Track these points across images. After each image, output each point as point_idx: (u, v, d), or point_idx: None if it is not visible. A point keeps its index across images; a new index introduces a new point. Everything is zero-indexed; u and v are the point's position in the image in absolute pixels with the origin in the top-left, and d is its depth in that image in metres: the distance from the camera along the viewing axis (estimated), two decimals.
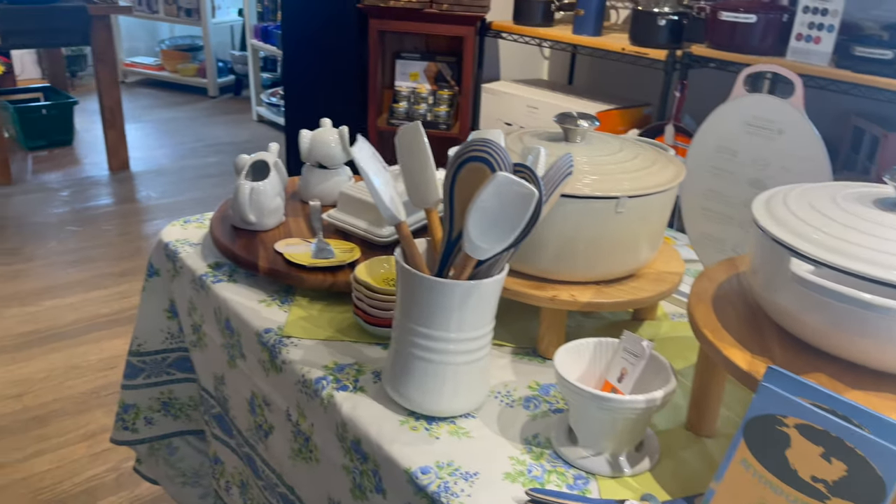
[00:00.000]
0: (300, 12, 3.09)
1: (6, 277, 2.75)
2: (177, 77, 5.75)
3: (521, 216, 0.69)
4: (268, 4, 5.20)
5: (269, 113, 4.95)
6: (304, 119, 3.25)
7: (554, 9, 3.04)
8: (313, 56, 3.15)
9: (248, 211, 1.10)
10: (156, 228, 3.27)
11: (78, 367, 2.23)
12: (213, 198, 3.67)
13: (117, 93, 3.88)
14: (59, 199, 3.54)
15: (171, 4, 5.52)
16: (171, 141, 4.56)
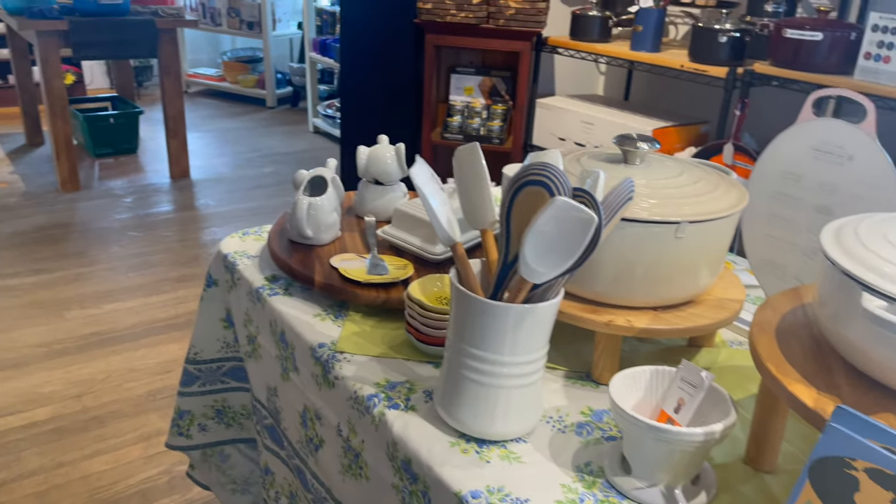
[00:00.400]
0: (358, 27, 3.14)
1: (70, 280, 2.85)
2: (237, 88, 5.91)
3: (579, 242, 0.68)
4: (326, 18, 5.30)
5: (324, 124, 5.04)
6: (359, 132, 3.31)
7: (611, 24, 3.02)
8: (370, 70, 3.20)
9: (305, 226, 1.11)
10: (213, 236, 3.35)
11: (135, 369, 2.30)
12: (267, 208, 3.74)
13: (181, 103, 4.01)
14: (122, 206, 3.67)
15: (234, 18, 5.68)
16: (230, 150, 4.68)
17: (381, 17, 3.10)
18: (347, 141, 3.34)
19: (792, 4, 2.65)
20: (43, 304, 2.65)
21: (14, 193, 3.73)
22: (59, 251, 3.10)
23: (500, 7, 2.94)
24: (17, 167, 4.12)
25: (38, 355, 2.33)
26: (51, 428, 1.99)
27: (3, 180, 3.90)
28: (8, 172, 4.03)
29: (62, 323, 2.53)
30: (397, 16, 3.09)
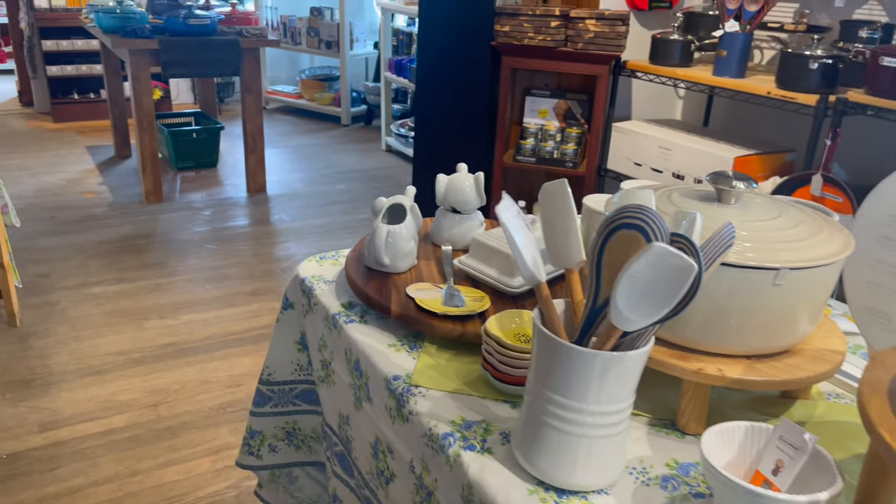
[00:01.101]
0: (435, 48, 3.16)
1: (150, 290, 2.95)
2: (313, 105, 6.05)
3: (676, 290, 0.65)
4: (402, 39, 5.37)
5: (397, 143, 5.09)
6: (432, 152, 3.33)
7: (693, 49, 2.94)
8: (444, 91, 3.21)
9: (383, 254, 1.11)
10: (286, 252, 3.42)
11: (208, 381, 2.35)
12: (339, 224, 3.80)
13: (260, 120, 4.12)
14: (201, 218, 3.78)
15: (313, 37, 5.83)
16: (305, 166, 4.78)
17: (457, 39, 3.11)
18: (420, 161, 3.36)
19: (888, 31, 2.52)
20: (124, 313, 2.75)
21: (102, 204, 3.90)
22: (141, 261, 3.22)
23: (579, 31, 2.91)
24: (106, 178, 4.32)
25: (117, 363, 2.41)
26: (127, 436, 2.05)
27: (92, 191, 4.09)
28: (97, 183, 4.22)
29: (141, 332, 2.62)
30: (474, 38, 3.09)
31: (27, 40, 5.39)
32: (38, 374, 2.32)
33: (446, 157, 3.29)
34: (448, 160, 3.35)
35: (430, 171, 3.35)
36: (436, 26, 3.13)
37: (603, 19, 2.87)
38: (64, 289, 2.91)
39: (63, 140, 5.07)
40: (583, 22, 2.90)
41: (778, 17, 2.97)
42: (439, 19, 3.11)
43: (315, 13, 5.81)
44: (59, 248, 3.31)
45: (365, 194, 4.29)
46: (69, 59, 5.44)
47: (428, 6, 3.11)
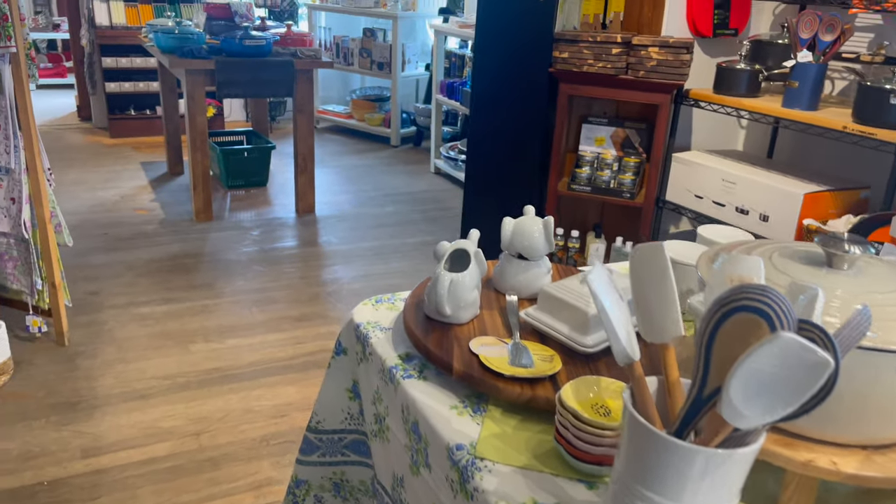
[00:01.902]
0: (490, 73, 3.10)
1: (197, 312, 2.93)
2: (363, 126, 6.05)
3: (805, 388, 0.55)
4: (455, 61, 5.34)
5: (446, 166, 5.04)
6: (485, 177, 3.26)
7: (762, 79, 2.82)
8: (499, 116, 3.14)
9: (445, 304, 1.03)
10: (333, 275, 3.38)
11: (252, 410, 2.30)
12: (387, 248, 3.75)
13: (311, 141, 4.11)
14: (249, 238, 3.78)
15: (366, 58, 5.84)
16: (353, 188, 4.76)
17: (513, 64, 3.05)
18: (472, 186, 3.29)
19: None
20: (171, 335, 2.73)
21: (153, 221, 3.93)
22: (189, 281, 3.21)
23: (641, 58, 2.81)
24: (158, 195, 4.36)
25: (162, 388, 2.38)
26: (168, 466, 2.01)
27: (144, 207, 4.13)
28: (149, 200, 4.27)
29: (187, 356, 2.59)
30: (531, 64, 3.02)
31: (87, 57, 5.52)
32: (83, 397, 2.30)
33: (499, 183, 3.22)
34: (501, 186, 3.30)
35: (481, 196, 3.28)
36: (492, 51, 3.07)
37: (667, 47, 2.77)
38: (112, 308, 2.91)
39: (119, 155, 5.16)
40: (645, 49, 2.80)
41: (853, 48, 2.83)
42: (495, 44, 3.05)
43: (368, 34, 5.83)
44: (109, 265, 3.33)
45: (413, 217, 4.24)
46: (127, 75, 5.55)
47: (484, 30, 3.06)
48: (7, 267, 2.53)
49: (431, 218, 4.25)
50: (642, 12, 3.20)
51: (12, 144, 2.34)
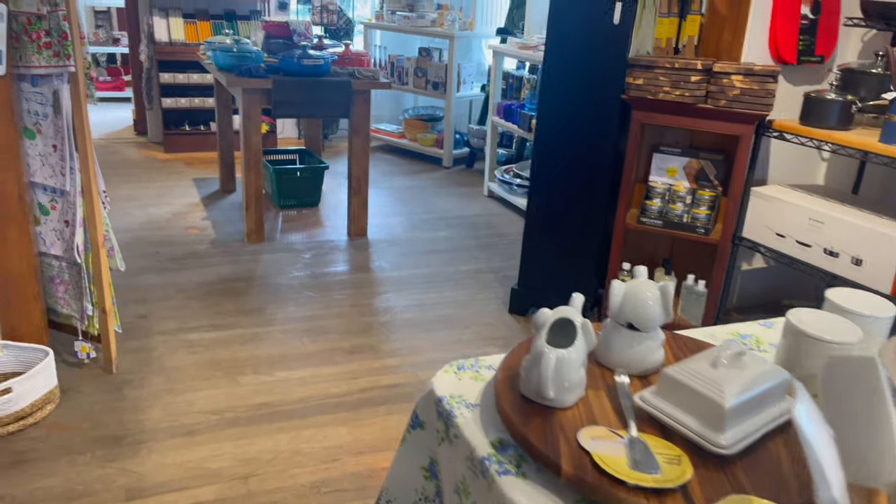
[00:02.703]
0: (559, 98, 2.95)
1: (247, 340, 2.83)
2: (415, 146, 5.96)
3: None
4: (512, 83, 5.21)
5: (500, 190, 4.90)
6: (548, 206, 3.09)
7: (854, 111, 2.61)
8: (566, 142, 2.98)
9: (549, 386, 0.88)
10: (386, 303, 3.25)
11: (302, 452, 2.17)
12: (441, 276, 3.61)
13: (366, 163, 4.02)
14: (301, 262, 3.68)
15: (420, 77, 5.75)
16: (405, 210, 4.65)
17: (584, 89, 2.89)
18: (534, 215, 3.13)
19: None
20: (220, 365, 2.63)
21: (204, 241, 3.87)
22: (239, 306, 3.12)
23: (723, 87, 2.63)
24: (210, 213, 4.31)
25: (210, 423, 2.27)
26: None
27: (196, 226, 4.08)
28: (201, 218, 4.22)
29: (236, 388, 2.48)
30: (602, 90, 2.87)
31: (146, 72, 5.55)
32: (129, 430, 2.21)
33: (563, 212, 3.05)
34: (565, 216, 3.13)
35: (544, 227, 3.11)
36: (561, 74, 2.92)
37: (751, 75, 2.59)
38: (161, 333, 2.83)
39: (172, 171, 5.15)
40: (728, 77, 2.62)
41: None
42: (565, 67, 2.90)
43: (424, 54, 5.74)
44: (159, 286, 3.26)
45: (467, 243, 4.10)
46: (183, 91, 5.56)
47: (554, 52, 2.91)
48: (58, 291, 2.46)
49: (486, 244, 4.11)
50: (721, 37, 3.03)
51: (68, 166, 2.28)
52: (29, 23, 2.16)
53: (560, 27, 2.87)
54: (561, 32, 2.87)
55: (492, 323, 3.14)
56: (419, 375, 2.66)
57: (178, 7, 5.53)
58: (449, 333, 3.01)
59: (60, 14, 2.13)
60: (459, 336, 3.00)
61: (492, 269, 3.75)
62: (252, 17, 5.71)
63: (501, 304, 3.32)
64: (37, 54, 2.19)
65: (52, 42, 2.17)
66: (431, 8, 5.89)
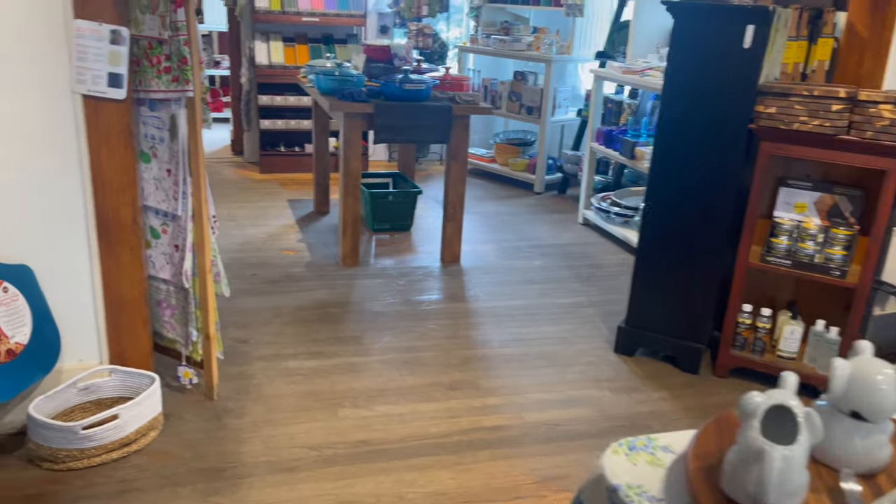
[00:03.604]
0: (678, 126, 2.77)
1: (345, 370, 2.75)
2: (506, 170, 5.84)
3: None
4: (611, 107, 5.04)
5: (596, 218, 4.71)
6: (663, 240, 2.89)
7: None
8: (685, 173, 2.80)
9: (772, 491, 0.72)
10: (484, 336, 3.12)
11: (405, 497, 2.06)
12: (538, 308, 3.46)
13: (462, 189, 3.92)
14: (395, 288, 3.61)
15: (514, 102, 5.65)
16: (498, 236, 4.52)
17: (706, 117, 2.70)
18: (646, 249, 2.95)
19: None
20: (319, 396, 2.56)
21: (299, 263, 3.85)
22: (336, 333, 3.06)
23: (870, 117, 2.40)
24: (305, 235, 4.31)
25: (309, 460, 2.19)
26: None
27: (291, 248, 4.08)
28: (296, 240, 4.21)
29: (335, 422, 2.40)
30: (726, 117, 2.68)
31: (245, 94, 5.66)
32: (229, 463, 2.15)
33: (678, 247, 2.85)
34: (680, 252, 2.92)
35: (656, 262, 2.92)
36: (681, 101, 2.74)
37: None
38: (260, 359, 2.79)
39: (267, 191, 5.21)
40: (875, 107, 2.39)
41: None
42: (687, 93, 2.72)
43: (519, 77, 5.64)
44: (258, 310, 3.24)
45: (563, 274, 3.93)
46: (280, 113, 5.64)
47: (675, 78, 2.74)
48: (165, 314, 2.45)
49: (583, 276, 3.93)
50: (861, 63, 2.79)
51: (181, 190, 2.26)
52: (150, 47, 2.17)
53: (682, 51, 2.70)
54: (683, 56, 2.70)
55: (596, 363, 2.96)
56: (523, 417, 2.51)
57: (278, 31, 5.64)
58: (552, 372, 2.86)
59: (181, 39, 2.13)
60: (563, 375, 2.84)
61: (592, 303, 3.57)
62: (349, 41, 5.75)
63: (606, 343, 3.14)
64: (156, 79, 2.19)
65: (172, 67, 2.16)
66: (527, 31, 5.79)
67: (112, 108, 2.09)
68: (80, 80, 2.04)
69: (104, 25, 2.03)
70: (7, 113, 2.01)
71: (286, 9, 5.43)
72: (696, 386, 2.81)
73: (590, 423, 2.51)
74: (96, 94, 2.06)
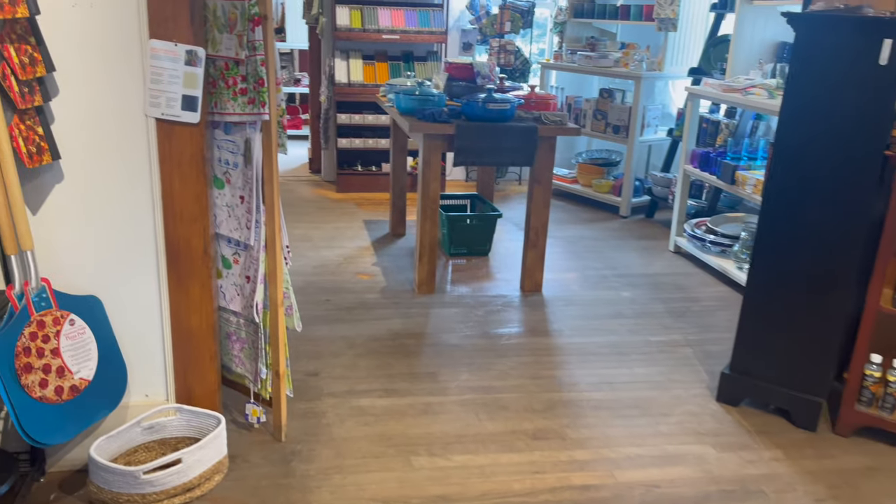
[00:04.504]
0: (799, 152, 2.47)
1: (420, 411, 2.57)
2: (589, 192, 5.57)
3: None
4: (706, 127, 4.71)
5: (690, 246, 4.38)
6: (775, 275, 2.57)
7: None
8: (804, 202, 2.49)
9: None
10: (570, 378, 2.88)
11: None
12: (628, 346, 3.18)
13: (546, 215, 3.70)
14: (473, 318, 3.40)
15: (600, 120, 5.39)
16: (581, 264, 4.26)
17: (832, 142, 2.40)
18: (757, 288, 2.64)
19: None
20: (392, 440, 2.37)
21: (374, 289, 3.71)
22: (411, 368, 2.88)
23: None
24: (380, 258, 4.17)
25: None
26: None
27: (366, 272, 3.94)
28: (371, 263, 4.08)
29: (409, 472, 2.21)
30: (856, 143, 2.36)
31: (324, 112, 5.62)
32: None
33: (795, 286, 2.53)
34: (797, 290, 2.59)
35: (767, 301, 2.61)
36: (802, 123, 2.44)
37: None
38: (331, 395, 2.64)
39: (343, 211, 5.12)
40: None
41: None
42: (808, 115, 2.42)
43: (605, 95, 5.37)
44: (330, 339, 3.10)
45: (655, 308, 3.64)
46: (358, 132, 5.56)
47: (794, 98, 2.45)
48: (234, 348, 2.32)
49: (677, 311, 3.62)
50: None
51: (254, 219, 2.13)
52: (227, 68, 2.06)
53: (805, 68, 2.40)
54: (806, 74, 2.40)
55: (697, 413, 2.67)
56: (616, 476, 2.26)
57: (358, 49, 5.57)
58: (646, 422, 2.58)
59: (258, 59, 2.00)
60: (658, 426, 2.56)
61: (688, 342, 3.27)
62: (429, 58, 5.63)
63: (706, 389, 2.84)
64: (232, 101, 2.07)
65: (248, 88, 2.04)
66: (615, 47, 5.53)
67: (185, 133, 1.98)
68: (154, 103, 1.94)
69: (180, 45, 1.92)
70: (78, 138, 1.92)
71: (367, 26, 5.36)
72: (815, 446, 2.48)
73: (693, 486, 2.23)
74: (170, 117, 1.96)
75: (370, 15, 5.39)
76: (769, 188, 2.56)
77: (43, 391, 1.83)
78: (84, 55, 1.87)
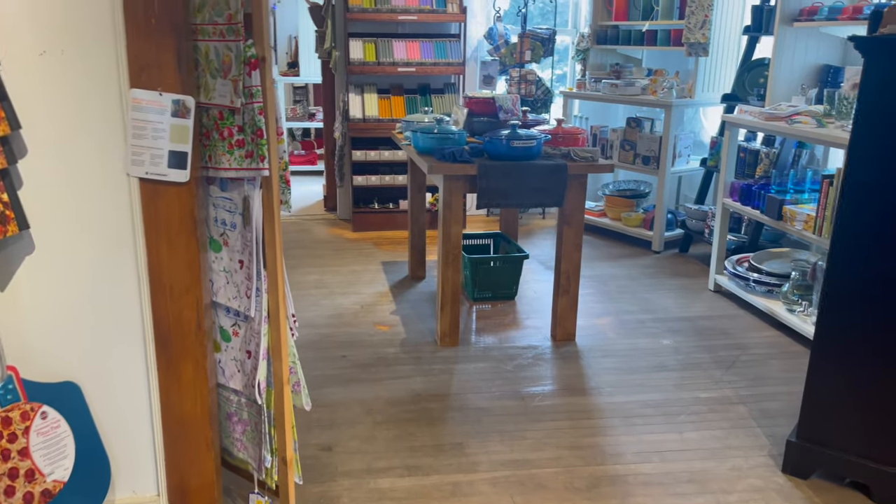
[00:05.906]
0: (872, 190, 2.17)
1: (446, 494, 2.27)
2: (618, 225, 5.28)
3: None
4: (744, 157, 4.41)
5: (732, 285, 4.06)
6: (849, 329, 2.25)
7: None
8: (883, 246, 2.18)
9: None
10: (615, 448, 2.57)
11: None
12: (675, 405, 2.87)
13: (578, 258, 3.41)
14: (502, 375, 3.11)
15: (628, 151, 5.11)
16: (615, 307, 3.96)
17: None
18: (826, 340, 2.33)
19: None
20: None
21: (393, 342, 3.43)
22: (435, 438, 2.59)
23: None
24: (399, 306, 3.90)
25: None
26: None
27: (384, 322, 3.67)
28: (389, 312, 3.81)
29: None
30: None
31: (338, 149, 5.40)
32: None
33: (876, 342, 2.22)
34: (878, 348, 2.24)
35: (840, 358, 2.29)
36: (878, 159, 2.15)
37: None
38: (346, 475, 2.35)
39: (360, 252, 4.87)
40: None
41: None
42: (885, 150, 2.13)
43: (633, 124, 5.10)
44: (345, 404, 2.82)
45: (700, 358, 3.32)
46: (373, 168, 5.34)
47: (866, 131, 2.16)
48: (235, 431, 2.05)
49: (725, 361, 3.30)
50: None
51: (254, 287, 1.87)
52: (221, 117, 1.81)
53: (877, 98, 2.11)
54: (878, 104, 2.11)
55: (762, 488, 2.34)
56: None
57: (373, 83, 5.36)
58: (704, 501, 2.26)
59: (256, 107, 1.76)
60: None
61: (741, 399, 2.95)
62: (447, 91, 5.41)
63: (768, 458, 2.51)
64: (227, 154, 1.83)
65: (245, 140, 1.79)
66: (641, 74, 5.27)
67: (173, 193, 1.73)
68: (137, 160, 1.70)
69: (165, 95, 1.68)
70: (50, 203, 1.68)
71: (381, 59, 5.15)
72: None
73: None
74: (155, 176, 1.71)
75: (384, 48, 5.19)
76: (839, 230, 2.25)
77: (9, 500, 1.57)
78: (55, 109, 1.63)
